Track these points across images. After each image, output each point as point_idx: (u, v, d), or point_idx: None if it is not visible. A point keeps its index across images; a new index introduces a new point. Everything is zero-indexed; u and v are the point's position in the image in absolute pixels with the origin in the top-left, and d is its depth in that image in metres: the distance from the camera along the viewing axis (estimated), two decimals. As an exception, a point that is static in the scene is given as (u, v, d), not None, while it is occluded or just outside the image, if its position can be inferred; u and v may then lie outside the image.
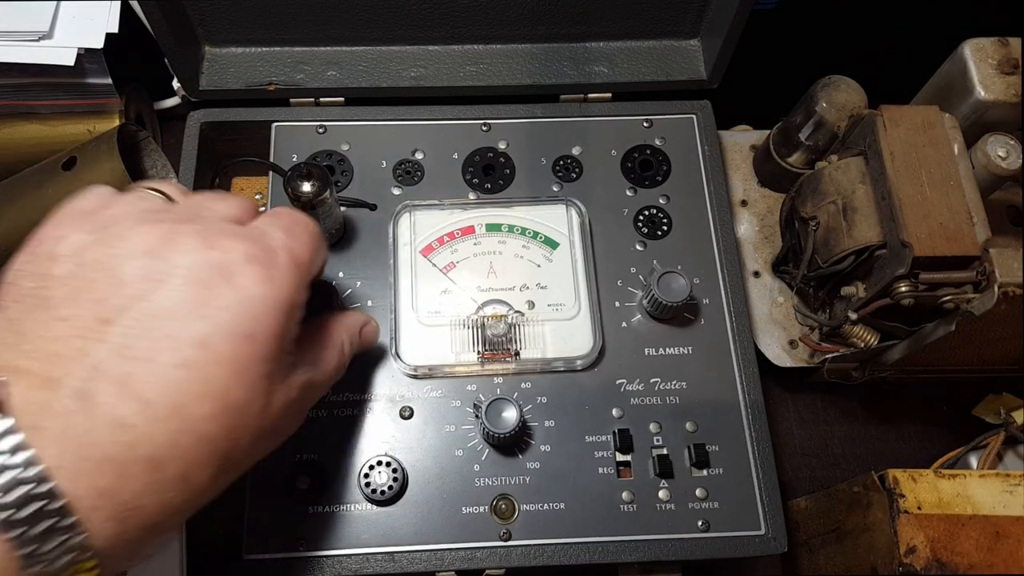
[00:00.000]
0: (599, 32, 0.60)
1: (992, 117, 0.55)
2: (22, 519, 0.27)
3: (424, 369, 0.50)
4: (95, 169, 0.57)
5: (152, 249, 0.33)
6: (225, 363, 0.32)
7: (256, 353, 0.34)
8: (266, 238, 0.37)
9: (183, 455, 0.31)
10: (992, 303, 0.46)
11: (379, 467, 0.47)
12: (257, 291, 0.34)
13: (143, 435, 0.30)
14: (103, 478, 0.29)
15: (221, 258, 0.34)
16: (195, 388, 0.31)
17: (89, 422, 0.29)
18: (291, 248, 0.37)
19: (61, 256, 0.33)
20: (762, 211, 0.63)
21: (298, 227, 0.39)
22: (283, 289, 0.35)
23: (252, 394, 0.34)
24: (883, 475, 0.47)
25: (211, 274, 0.33)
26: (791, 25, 0.72)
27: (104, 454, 0.29)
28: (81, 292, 0.32)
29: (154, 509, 0.30)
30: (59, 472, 0.28)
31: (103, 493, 0.29)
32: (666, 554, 0.47)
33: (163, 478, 0.30)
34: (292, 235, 0.38)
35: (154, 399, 0.30)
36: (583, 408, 0.50)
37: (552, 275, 0.53)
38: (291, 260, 0.37)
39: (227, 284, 0.33)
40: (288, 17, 0.57)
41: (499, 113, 0.59)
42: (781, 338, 0.59)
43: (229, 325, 0.33)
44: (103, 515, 0.29)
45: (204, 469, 0.32)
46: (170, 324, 0.32)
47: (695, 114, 0.60)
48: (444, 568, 0.46)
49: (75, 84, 0.61)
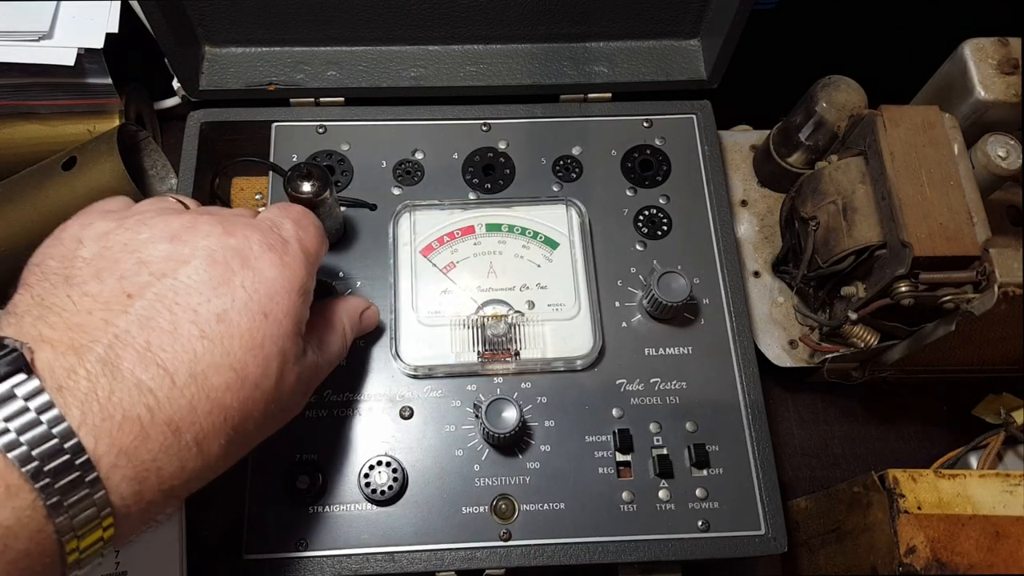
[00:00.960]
0: (599, 32, 0.60)
1: (992, 117, 0.55)
2: (48, 471, 0.28)
3: (424, 369, 0.50)
4: (95, 169, 0.57)
5: (175, 235, 0.36)
6: (241, 337, 0.35)
7: (271, 330, 0.36)
8: (278, 228, 0.40)
9: (199, 421, 0.33)
10: (992, 303, 0.46)
11: (379, 467, 0.47)
12: (272, 274, 0.37)
13: (163, 399, 0.31)
14: (124, 437, 0.30)
15: (239, 243, 0.37)
16: (213, 359, 0.33)
17: (112, 385, 0.30)
18: (301, 238, 0.40)
19: (87, 239, 0.36)
20: (762, 211, 0.63)
21: (306, 219, 0.42)
22: (295, 274, 0.38)
23: (266, 369, 0.36)
24: (883, 475, 0.47)
25: (230, 256, 0.36)
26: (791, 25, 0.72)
27: (125, 415, 0.30)
28: (104, 270, 0.34)
29: (170, 473, 0.32)
30: (83, 430, 0.29)
31: (123, 452, 0.30)
32: (666, 554, 0.47)
33: (180, 443, 0.32)
34: (301, 226, 0.41)
35: (174, 366, 0.32)
36: (583, 408, 0.50)
37: (552, 275, 0.53)
38: (301, 248, 0.40)
39: (245, 267, 0.36)
40: (288, 17, 0.57)
41: (499, 113, 0.59)
42: (781, 338, 0.59)
43: (246, 303, 0.35)
44: (122, 473, 0.30)
45: (217, 438, 0.34)
46: (191, 299, 0.34)
47: (695, 114, 0.60)
48: (444, 568, 0.46)
49: (75, 84, 0.61)
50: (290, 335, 0.37)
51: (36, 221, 0.57)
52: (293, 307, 0.37)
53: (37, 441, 0.28)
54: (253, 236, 0.37)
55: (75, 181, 0.57)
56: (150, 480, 0.31)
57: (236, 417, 0.34)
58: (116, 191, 0.56)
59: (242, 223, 0.38)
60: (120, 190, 0.56)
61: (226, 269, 0.35)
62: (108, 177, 0.57)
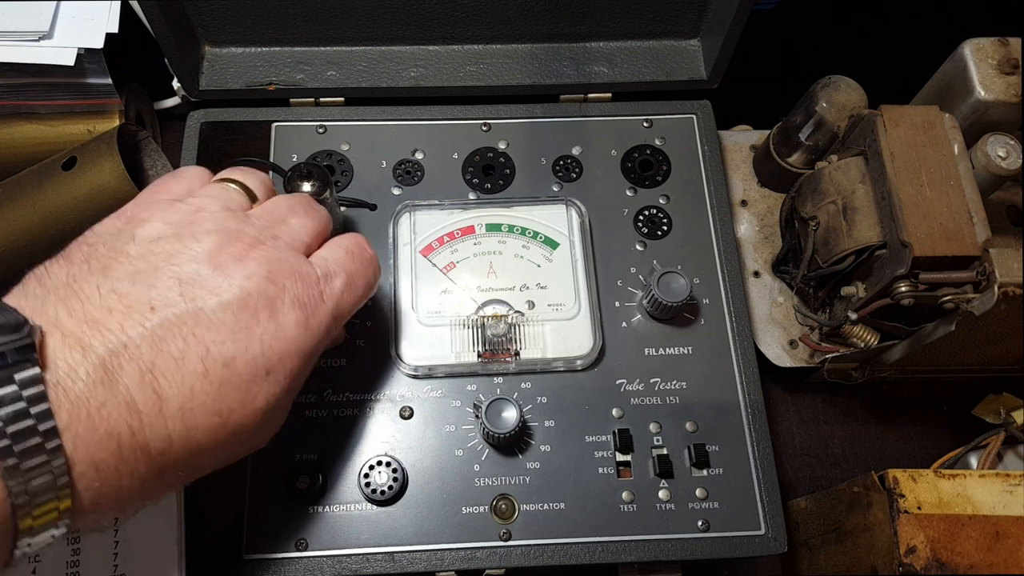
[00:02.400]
0: (599, 32, 0.60)
1: (992, 117, 0.55)
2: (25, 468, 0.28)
3: (424, 369, 0.50)
4: (95, 169, 0.57)
5: (220, 263, 0.35)
6: (238, 388, 0.34)
7: (268, 389, 0.36)
8: (324, 283, 0.39)
9: (171, 453, 0.33)
10: (992, 303, 0.46)
11: (379, 467, 0.47)
12: (291, 334, 0.37)
13: (147, 425, 0.31)
14: (100, 452, 0.30)
15: (274, 292, 0.36)
16: (205, 400, 0.33)
17: (105, 396, 0.30)
18: (340, 300, 0.40)
19: (139, 238, 0.36)
20: (762, 211, 0.63)
21: (360, 275, 0.41)
22: (313, 338, 0.38)
23: (251, 421, 0.36)
24: (883, 475, 0.47)
25: (261, 305, 0.36)
26: (791, 25, 0.72)
27: (108, 431, 0.30)
28: (141, 273, 0.34)
29: (129, 492, 0.32)
30: (65, 434, 0.29)
31: (95, 465, 0.30)
32: (666, 554, 0.47)
33: (147, 470, 0.32)
34: (350, 285, 0.40)
35: (168, 396, 0.32)
36: (583, 408, 0.50)
37: (552, 275, 0.53)
38: (332, 312, 0.39)
39: (270, 319, 0.36)
40: (288, 17, 0.57)
41: (499, 113, 0.59)
42: (781, 338, 0.59)
43: (256, 356, 0.35)
44: (87, 483, 0.30)
45: (179, 470, 0.34)
46: (208, 334, 0.34)
47: (695, 114, 0.60)
48: (444, 568, 0.46)
49: (75, 84, 0.61)
50: (284, 395, 0.37)
51: (36, 221, 0.57)
52: (297, 370, 0.37)
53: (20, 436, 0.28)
54: (291, 289, 0.37)
55: (75, 181, 0.57)
56: (109, 495, 0.31)
57: (205, 457, 0.35)
58: (116, 191, 0.56)
59: (288, 270, 0.37)
60: (120, 190, 0.56)
61: (252, 316, 0.35)
62: (108, 177, 0.57)
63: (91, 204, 0.56)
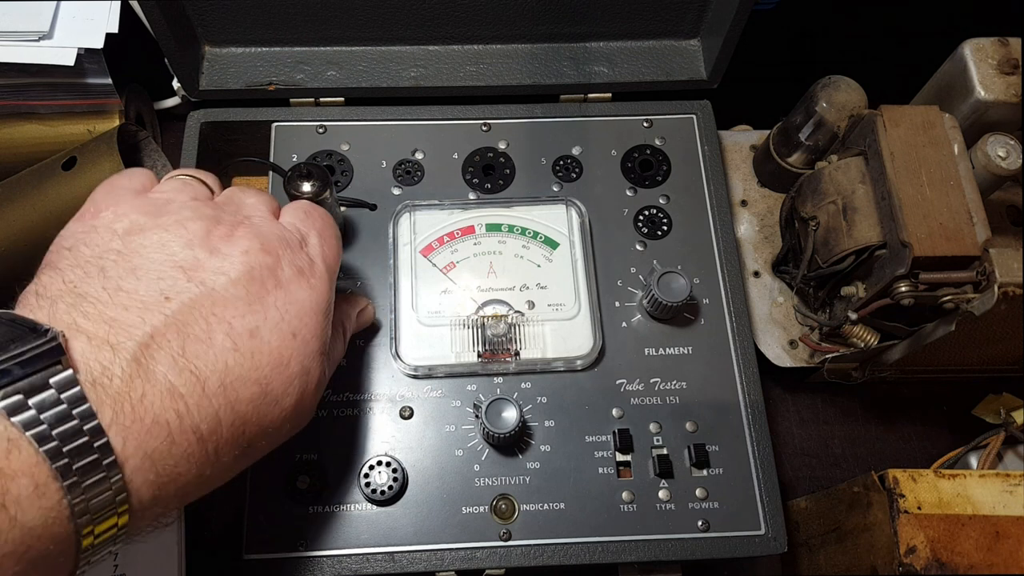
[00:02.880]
0: (599, 32, 0.60)
1: (992, 117, 0.55)
2: (76, 469, 0.28)
3: (424, 369, 0.50)
4: (95, 169, 0.57)
5: (214, 246, 0.36)
6: (271, 354, 0.35)
7: (298, 350, 0.37)
8: (306, 245, 0.40)
9: (222, 432, 0.33)
10: (992, 303, 0.46)
11: (379, 467, 0.47)
12: (302, 296, 0.38)
13: (192, 407, 0.32)
14: (152, 441, 0.30)
15: (274, 263, 0.37)
16: (242, 372, 0.34)
17: (144, 387, 0.30)
18: (325, 255, 0.41)
19: (121, 232, 0.35)
20: (762, 211, 0.63)
21: (328, 230, 0.43)
22: (322, 295, 0.39)
23: (288, 387, 0.36)
24: (883, 475, 0.47)
25: (266, 275, 0.37)
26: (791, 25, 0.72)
27: (155, 419, 0.30)
28: (140, 268, 0.34)
29: (188, 479, 0.32)
30: (112, 429, 0.29)
31: (148, 455, 0.30)
32: (666, 554, 0.47)
33: (202, 451, 0.32)
34: (324, 239, 0.41)
35: (206, 375, 0.32)
36: (583, 408, 0.50)
37: (552, 275, 0.53)
38: (326, 268, 0.40)
39: (278, 287, 0.37)
40: (288, 17, 0.57)
41: (499, 113, 0.59)
42: (781, 338, 0.59)
43: (277, 322, 0.36)
44: (144, 477, 0.30)
45: (234, 449, 0.34)
46: (226, 311, 0.34)
47: (695, 114, 0.60)
48: (444, 568, 0.46)
49: (75, 84, 0.61)
50: (315, 355, 0.38)
51: (36, 221, 0.57)
52: (320, 328, 0.38)
53: (68, 436, 0.28)
54: (285, 256, 0.38)
55: (75, 181, 0.57)
56: (169, 485, 0.31)
57: (254, 431, 0.35)
58: (116, 191, 0.56)
59: (275, 239, 0.38)
60: (120, 190, 0.56)
61: (261, 286, 0.36)
62: (108, 177, 0.57)
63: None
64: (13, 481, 0.27)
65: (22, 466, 0.27)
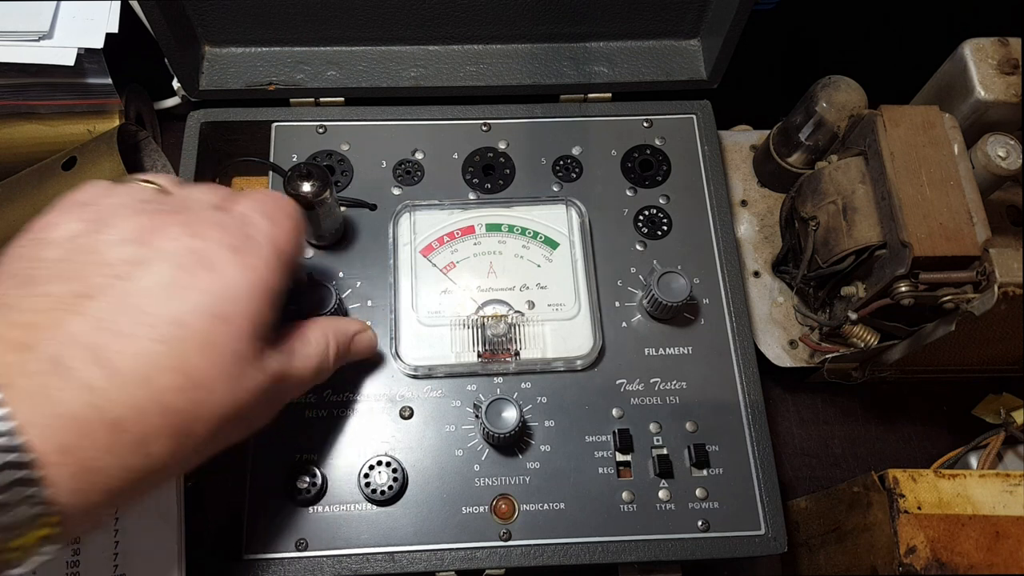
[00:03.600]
0: (599, 32, 0.60)
1: (992, 117, 0.55)
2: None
3: (424, 369, 0.50)
4: (95, 169, 0.57)
5: (138, 236, 0.35)
6: (197, 341, 0.34)
7: (228, 333, 0.35)
8: (248, 227, 0.39)
9: (145, 421, 0.32)
10: (992, 303, 0.46)
11: (379, 467, 0.47)
12: (234, 277, 0.36)
13: (109, 399, 0.31)
14: (67, 435, 0.30)
15: (202, 246, 0.36)
16: (165, 362, 0.33)
17: (59, 383, 0.30)
18: (272, 236, 0.39)
19: (54, 241, 0.35)
20: (762, 211, 0.63)
21: (280, 213, 0.41)
22: (260, 276, 0.37)
23: (220, 372, 0.35)
24: (883, 475, 0.47)
25: (191, 260, 0.35)
26: (791, 25, 0.72)
27: (70, 412, 0.30)
28: (66, 272, 0.34)
29: (114, 472, 0.32)
30: (29, 429, 0.29)
31: (66, 450, 0.30)
32: (666, 554, 0.47)
33: (123, 441, 0.32)
34: (275, 222, 0.40)
35: (124, 368, 0.32)
36: (583, 408, 0.50)
37: (552, 275, 0.53)
38: (272, 249, 0.38)
39: (206, 270, 0.35)
40: (288, 17, 0.57)
41: (499, 113, 0.59)
42: (781, 338, 0.59)
43: (204, 306, 0.35)
44: (66, 472, 0.30)
45: (164, 439, 0.33)
46: (147, 302, 0.34)
47: (695, 114, 0.60)
48: (444, 568, 0.46)
49: (75, 84, 0.61)
50: (247, 338, 0.36)
51: (36, 221, 0.57)
52: (253, 310, 0.36)
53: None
54: (217, 237, 0.37)
55: (75, 181, 0.57)
56: (93, 479, 0.31)
57: (185, 420, 0.34)
58: (116, 191, 0.56)
59: (209, 223, 0.37)
60: (120, 190, 0.56)
61: (187, 272, 0.35)
62: (108, 177, 0.57)
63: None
64: None
65: None
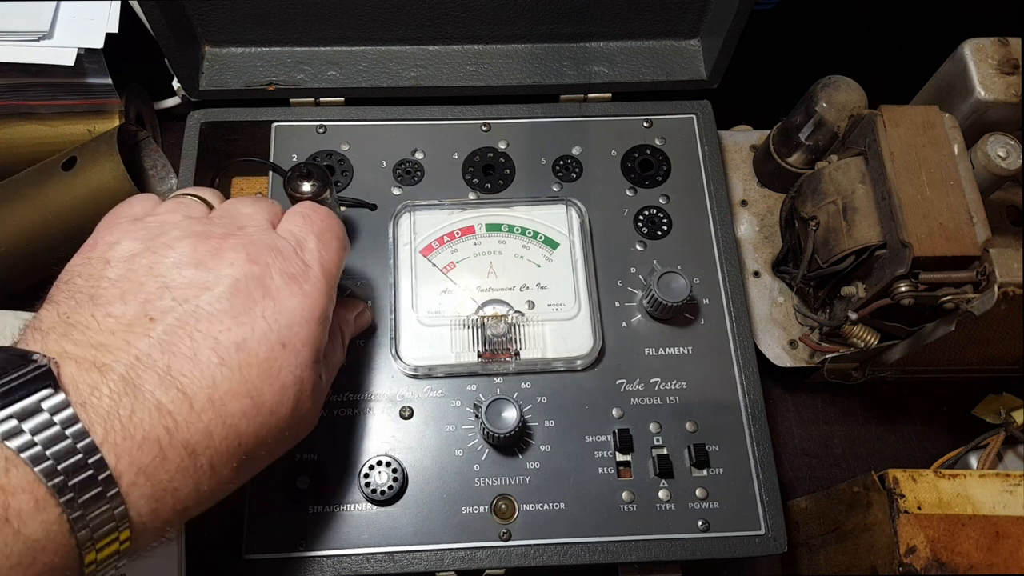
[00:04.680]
0: (599, 32, 0.60)
1: (992, 117, 0.55)
2: (72, 485, 0.29)
3: (424, 369, 0.50)
4: (95, 169, 0.57)
5: (200, 261, 0.36)
6: (260, 366, 0.35)
7: (289, 360, 0.36)
8: (301, 250, 0.40)
9: (214, 446, 0.33)
10: (992, 303, 0.46)
11: (379, 467, 0.47)
12: (292, 304, 0.37)
13: (181, 422, 0.32)
14: (143, 457, 0.31)
15: (261, 272, 0.37)
16: (231, 386, 0.34)
17: (133, 405, 0.31)
18: (323, 260, 0.40)
19: (114, 260, 0.36)
20: (762, 211, 0.63)
21: (329, 233, 0.42)
22: (316, 303, 0.38)
23: (282, 398, 0.36)
24: (883, 475, 0.47)
25: (253, 286, 0.36)
26: (791, 25, 0.72)
27: (145, 435, 0.31)
28: (129, 292, 0.35)
29: (185, 494, 0.33)
30: (105, 447, 0.30)
31: (142, 471, 0.31)
32: (666, 554, 0.47)
33: (195, 465, 0.33)
34: (324, 244, 0.41)
35: (193, 391, 0.33)
36: (583, 408, 0.50)
37: (552, 275, 0.53)
38: (323, 273, 0.40)
39: (266, 296, 0.36)
40: (288, 17, 0.57)
41: (499, 113, 0.59)
42: (781, 338, 0.59)
43: (266, 333, 0.36)
44: (140, 491, 0.31)
45: (230, 462, 0.35)
46: (212, 327, 0.34)
47: (695, 114, 0.60)
48: (444, 568, 0.46)
49: (75, 84, 0.61)
50: (308, 364, 0.38)
51: (36, 221, 0.57)
52: (312, 336, 0.38)
53: (62, 455, 0.29)
54: (275, 264, 0.38)
55: (75, 181, 0.57)
56: (166, 499, 0.32)
57: (250, 443, 0.35)
58: (116, 191, 0.56)
59: (266, 248, 0.38)
60: (120, 190, 0.56)
61: (247, 298, 0.36)
62: (108, 177, 0.57)
63: (91, 204, 0.56)
64: (14, 497, 0.28)
65: (21, 483, 0.28)
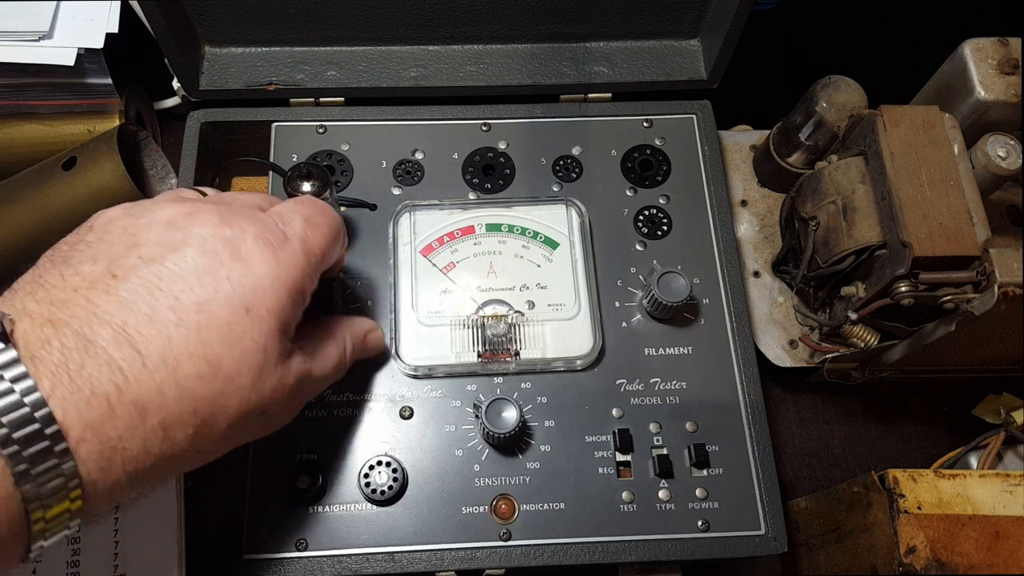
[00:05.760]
0: (599, 32, 0.60)
1: (992, 117, 0.55)
2: (18, 439, 0.29)
3: (424, 369, 0.50)
4: (95, 169, 0.57)
5: (172, 221, 0.36)
6: (219, 329, 0.34)
7: (251, 326, 0.35)
8: (283, 224, 0.39)
9: (166, 406, 0.33)
10: (992, 303, 0.46)
11: (379, 467, 0.47)
12: (262, 269, 0.36)
13: (132, 380, 0.32)
14: (91, 412, 0.30)
15: (233, 234, 0.36)
16: (187, 347, 0.33)
17: (84, 359, 0.31)
18: (306, 237, 0.39)
19: (96, 226, 0.37)
20: (762, 211, 0.63)
21: (319, 216, 0.41)
22: (288, 273, 0.37)
23: (242, 365, 0.35)
24: (883, 475, 0.47)
25: (221, 247, 0.36)
26: (791, 25, 0.72)
27: (93, 390, 0.31)
28: (100, 253, 0.35)
29: (134, 454, 0.32)
30: (52, 400, 0.30)
31: (90, 426, 0.30)
32: (666, 554, 0.47)
33: (145, 424, 0.32)
34: (311, 224, 0.40)
35: (147, 349, 0.32)
36: (583, 408, 0.50)
37: (552, 275, 0.53)
38: (303, 249, 0.39)
39: (234, 258, 0.36)
40: (288, 17, 0.57)
41: (499, 113, 0.59)
42: (781, 338, 0.59)
43: (229, 295, 0.35)
44: (88, 448, 0.30)
45: (184, 426, 0.34)
46: (174, 286, 0.34)
47: (695, 114, 0.60)
48: (444, 568, 0.46)
49: (75, 84, 0.61)
50: (273, 334, 0.36)
51: (36, 221, 0.57)
52: (279, 306, 0.37)
53: (8, 408, 0.29)
54: (250, 229, 0.37)
55: (75, 181, 0.57)
56: (115, 458, 0.31)
57: (206, 409, 0.34)
58: (116, 191, 0.56)
59: (244, 215, 0.38)
60: (120, 190, 0.56)
61: (214, 259, 0.35)
62: (108, 177, 0.57)
63: (91, 204, 0.56)
64: None
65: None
